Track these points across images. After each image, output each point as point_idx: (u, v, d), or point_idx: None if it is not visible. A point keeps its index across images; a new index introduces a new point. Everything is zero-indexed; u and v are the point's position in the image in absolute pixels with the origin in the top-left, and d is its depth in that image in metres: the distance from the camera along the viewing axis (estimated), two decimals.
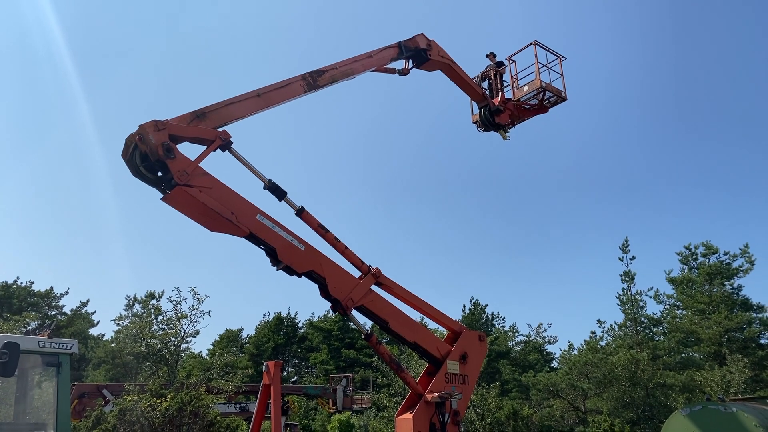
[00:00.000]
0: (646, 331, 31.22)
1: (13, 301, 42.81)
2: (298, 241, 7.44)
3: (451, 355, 8.58)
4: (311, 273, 7.54)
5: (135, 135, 6.60)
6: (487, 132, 12.94)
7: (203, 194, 6.71)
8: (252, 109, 7.73)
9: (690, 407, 9.39)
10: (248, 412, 20.55)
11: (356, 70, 9.17)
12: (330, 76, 8.70)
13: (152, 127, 6.54)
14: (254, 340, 58.50)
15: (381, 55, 9.69)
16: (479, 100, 12.49)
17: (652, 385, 23.88)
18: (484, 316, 49.85)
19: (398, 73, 10.40)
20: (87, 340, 43.57)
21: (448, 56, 10.98)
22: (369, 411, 34.15)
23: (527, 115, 13.00)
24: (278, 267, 7.39)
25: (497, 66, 13.31)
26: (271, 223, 7.23)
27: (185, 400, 14.57)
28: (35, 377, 7.64)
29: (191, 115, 7.08)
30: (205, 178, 6.82)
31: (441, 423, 7.94)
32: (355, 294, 7.81)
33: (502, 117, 12.56)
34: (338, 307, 7.75)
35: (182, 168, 6.62)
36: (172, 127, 6.72)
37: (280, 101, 8.08)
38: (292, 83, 8.22)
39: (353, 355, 51.68)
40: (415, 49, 10.34)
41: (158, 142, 6.49)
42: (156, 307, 31.03)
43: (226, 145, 7.13)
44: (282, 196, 7.55)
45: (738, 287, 31.28)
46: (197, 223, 7.01)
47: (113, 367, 38.31)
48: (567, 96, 12.95)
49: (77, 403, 18.75)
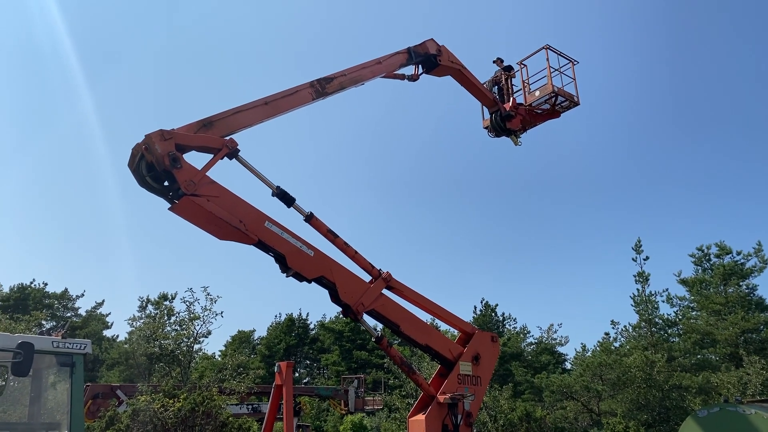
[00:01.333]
0: (661, 332, 30.89)
1: (29, 302, 43.32)
2: (307, 247, 7.40)
3: (464, 356, 8.52)
4: (321, 279, 7.51)
5: (141, 145, 6.58)
6: (499, 137, 12.79)
7: (211, 203, 6.68)
8: (260, 117, 7.67)
9: (707, 409, 9.23)
10: (260, 413, 20.61)
11: (365, 76, 9.07)
12: (338, 83, 8.63)
13: (158, 137, 6.51)
14: (266, 341, 58.69)
15: (390, 61, 9.59)
16: (490, 105, 12.35)
17: (668, 386, 23.58)
18: (495, 318, 49.59)
19: (408, 79, 10.26)
20: (101, 341, 43.98)
21: (458, 61, 10.85)
22: (381, 412, 34.08)
23: (539, 120, 12.82)
24: (288, 274, 7.36)
25: (506, 70, 13.15)
26: (279, 230, 7.20)
27: (198, 401, 14.64)
28: (49, 377, 7.67)
29: (198, 124, 7.05)
30: (213, 187, 6.78)
31: (454, 424, 7.88)
32: (365, 299, 7.77)
33: (514, 122, 12.39)
34: (349, 312, 7.72)
35: (189, 178, 6.58)
36: (178, 137, 6.69)
37: (288, 109, 8.02)
38: (301, 91, 8.16)
39: (365, 357, 51.64)
40: (425, 55, 10.21)
41: (164, 152, 6.45)
42: (169, 308, 31.24)
43: (233, 154, 7.09)
44: (291, 202, 7.51)
45: (753, 287, 30.90)
46: (206, 232, 6.98)
47: (127, 368, 38.62)
48: (580, 100, 12.75)
49: (91, 404, 18.91)
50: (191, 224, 6.92)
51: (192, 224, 6.89)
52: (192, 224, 6.89)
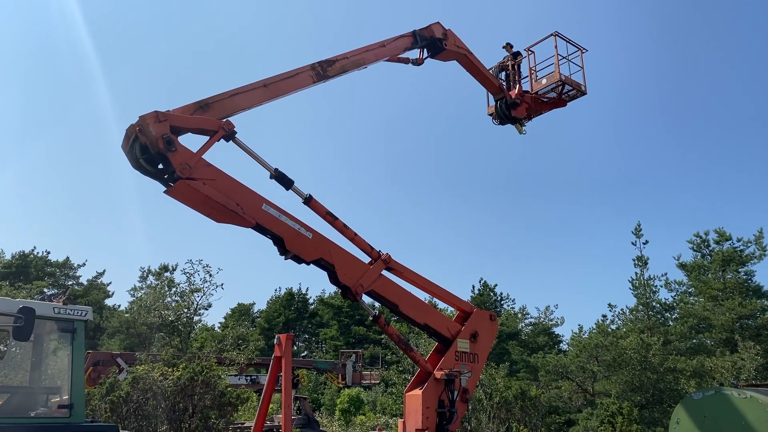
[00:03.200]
0: (658, 316, 31.06)
1: (30, 270, 43.61)
2: (305, 229, 7.31)
3: (462, 333, 8.55)
4: (320, 261, 7.44)
5: (135, 126, 6.41)
6: (503, 125, 12.55)
7: (207, 186, 6.55)
8: (258, 100, 7.49)
9: (703, 392, 9.31)
10: (258, 385, 20.89)
11: (368, 59, 8.84)
12: (340, 66, 8.40)
13: (153, 119, 6.33)
14: (265, 314, 59.26)
15: (394, 44, 9.35)
16: (495, 92, 12.08)
17: (663, 369, 23.82)
18: (494, 297, 49.88)
19: (412, 62, 10.01)
20: (102, 310, 44.38)
21: (464, 46, 10.57)
22: (378, 387, 34.55)
23: (545, 108, 12.57)
24: (286, 256, 7.29)
25: (514, 57, 12.87)
26: (277, 212, 7.09)
27: (197, 371, 14.80)
28: (50, 343, 7.73)
29: (194, 106, 6.87)
30: (209, 170, 6.64)
31: (450, 400, 7.95)
32: (365, 280, 7.73)
33: (519, 110, 12.16)
34: (348, 293, 7.69)
35: (184, 161, 6.42)
36: (173, 118, 6.52)
37: (287, 92, 7.84)
38: (301, 73, 7.94)
39: (363, 332, 52.17)
40: (431, 39, 9.96)
41: (159, 134, 6.28)
42: (169, 279, 31.45)
43: (229, 135, 6.91)
44: (289, 185, 7.38)
45: (750, 273, 30.96)
46: (202, 215, 6.85)
47: (128, 336, 39.06)
48: (587, 90, 12.51)
49: (92, 371, 19.18)
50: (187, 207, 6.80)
51: (188, 207, 6.75)
52: (188, 207, 6.75)
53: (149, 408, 14.36)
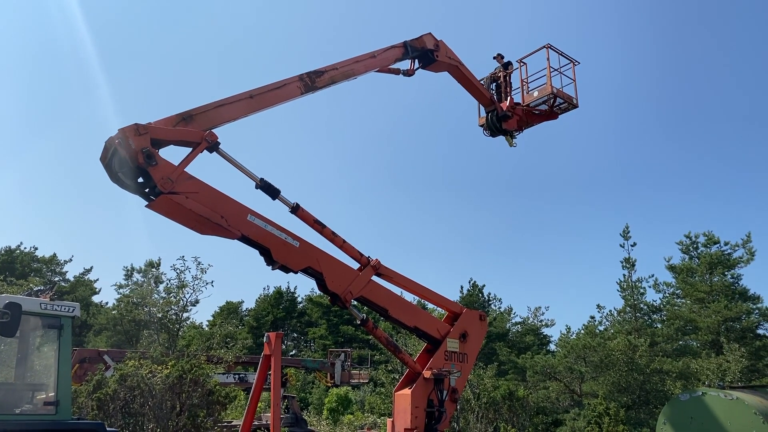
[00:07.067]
0: (645, 317, 31.31)
1: (16, 266, 43.08)
2: (292, 238, 7.26)
3: (451, 333, 8.59)
4: (308, 269, 7.40)
5: (114, 139, 6.28)
6: (494, 137, 12.48)
7: (190, 200, 6.44)
8: (244, 112, 7.38)
9: (689, 393, 9.39)
10: (247, 383, 20.78)
11: (358, 70, 8.78)
12: (329, 77, 8.33)
13: (132, 132, 6.20)
14: (254, 313, 58.96)
15: (385, 55, 9.32)
16: (486, 104, 12.04)
17: (649, 370, 24.03)
18: (482, 298, 50.02)
19: (403, 73, 9.98)
20: (89, 306, 43.90)
21: (456, 57, 10.56)
22: (366, 386, 34.51)
23: (536, 120, 12.56)
24: (274, 266, 7.22)
25: (504, 68, 12.83)
26: (263, 222, 7.02)
27: (186, 368, 14.68)
28: (36, 339, 7.65)
29: (177, 117, 6.75)
30: (191, 183, 6.53)
31: (439, 399, 7.98)
32: (354, 287, 7.73)
33: (510, 123, 12.11)
34: (337, 300, 7.68)
35: (165, 175, 6.31)
36: (154, 131, 6.39)
37: (274, 103, 7.73)
38: (289, 84, 7.85)
39: (351, 332, 52.07)
40: (422, 50, 9.93)
41: (138, 148, 6.14)
42: (156, 276, 31.22)
43: (213, 147, 6.78)
44: (275, 194, 7.31)
45: (737, 276, 31.25)
46: (186, 227, 6.73)
47: (114, 333, 38.69)
48: (578, 103, 12.49)
49: (78, 368, 18.97)
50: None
51: (171, 220, 6.65)
52: (171, 220, 6.65)
53: (136, 406, 14.22)
